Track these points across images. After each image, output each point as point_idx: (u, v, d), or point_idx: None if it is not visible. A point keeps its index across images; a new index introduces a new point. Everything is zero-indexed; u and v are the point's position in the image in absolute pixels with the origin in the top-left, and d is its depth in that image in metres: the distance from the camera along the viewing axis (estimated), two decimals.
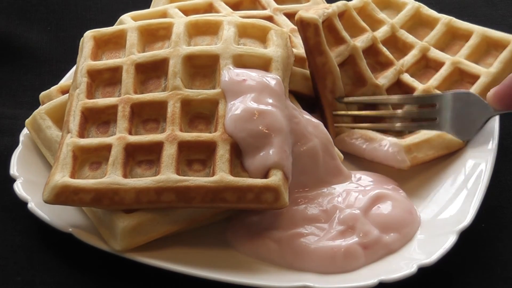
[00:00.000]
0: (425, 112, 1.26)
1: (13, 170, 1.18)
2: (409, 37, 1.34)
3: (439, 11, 1.39)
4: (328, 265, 1.08)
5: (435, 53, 1.32)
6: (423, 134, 1.23)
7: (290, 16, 1.33)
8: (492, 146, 1.23)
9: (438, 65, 1.31)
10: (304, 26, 1.25)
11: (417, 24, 1.38)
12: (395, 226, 1.13)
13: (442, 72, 1.30)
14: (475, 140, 1.26)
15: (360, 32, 1.32)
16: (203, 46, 1.20)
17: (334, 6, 1.31)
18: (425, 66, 1.33)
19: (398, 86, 1.31)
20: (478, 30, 1.33)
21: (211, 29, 1.23)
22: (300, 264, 1.09)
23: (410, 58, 1.32)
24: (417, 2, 1.39)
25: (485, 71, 1.29)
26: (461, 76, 1.30)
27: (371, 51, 1.32)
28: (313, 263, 1.09)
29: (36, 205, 1.13)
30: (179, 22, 1.23)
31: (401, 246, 1.12)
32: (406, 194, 1.19)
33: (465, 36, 1.34)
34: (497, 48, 1.32)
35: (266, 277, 1.07)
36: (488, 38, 1.32)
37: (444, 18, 1.36)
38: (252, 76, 1.16)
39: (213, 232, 1.14)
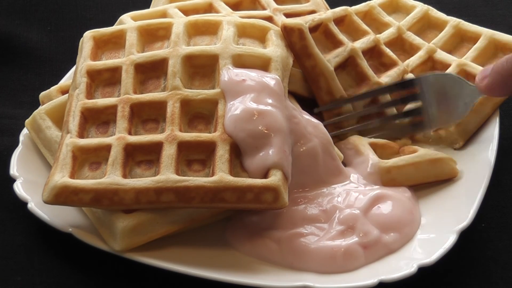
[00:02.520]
0: (408, 98, 1.25)
1: (13, 170, 1.18)
2: (416, 39, 1.35)
3: (439, 11, 1.39)
4: (328, 265, 1.08)
5: (441, 55, 1.32)
6: (413, 157, 1.20)
7: (290, 16, 1.33)
8: (492, 146, 1.23)
9: (444, 66, 1.31)
10: (288, 32, 1.25)
11: (426, 26, 1.38)
12: (395, 226, 1.13)
13: None
14: (475, 140, 1.26)
15: (363, 35, 1.33)
16: (202, 46, 1.21)
17: (329, 12, 1.32)
18: (431, 67, 1.33)
19: (402, 86, 1.31)
20: (486, 33, 1.33)
21: (211, 29, 1.23)
22: (300, 264, 1.09)
23: (416, 59, 1.33)
24: (425, 5, 1.39)
25: None
26: (466, 78, 1.30)
27: (374, 52, 1.32)
28: (313, 263, 1.09)
29: (36, 205, 1.13)
30: (179, 22, 1.23)
31: (401, 246, 1.12)
32: (411, 195, 1.18)
33: (473, 38, 1.34)
34: (505, 51, 1.32)
35: (266, 277, 1.07)
36: (496, 41, 1.32)
37: (452, 21, 1.37)
38: (251, 76, 1.16)
39: (213, 232, 1.14)
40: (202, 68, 1.19)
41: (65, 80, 1.33)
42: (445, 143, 1.27)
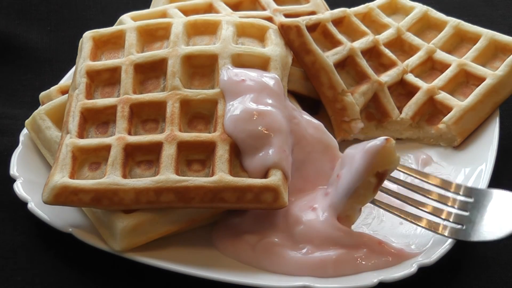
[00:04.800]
0: (460, 202, 1.12)
1: (13, 170, 1.18)
2: (415, 40, 1.35)
3: (439, 11, 1.39)
4: (320, 274, 1.07)
5: (441, 55, 1.33)
6: None
7: (289, 17, 1.33)
8: (492, 146, 1.22)
9: (444, 66, 1.32)
10: (286, 30, 1.26)
11: (425, 27, 1.39)
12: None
13: (448, 73, 1.30)
14: (475, 140, 1.26)
15: (361, 36, 1.33)
16: (201, 46, 1.21)
17: (327, 13, 1.33)
18: (431, 67, 1.33)
19: (402, 85, 1.31)
20: (486, 34, 1.33)
21: (210, 29, 1.24)
22: (295, 271, 1.08)
23: (415, 59, 1.33)
24: (425, 6, 1.39)
25: (491, 74, 1.29)
26: (466, 78, 1.31)
27: (373, 53, 1.32)
28: (305, 272, 1.08)
29: (36, 205, 1.13)
30: (178, 22, 1.23)
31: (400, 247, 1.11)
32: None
33: (473, 39, 1.34)
34: (505, 52, 1.32)
35: (266, 277, 1.07)
36: (496, 42, 1.33)
37: (452, 21, 1.37)
38: (251, 76, 1.16)
39: None
40: (201, 68, 1.19)
41: (65, 80, 1.33)
42: (444, 141, 1.27)
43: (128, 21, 1.30)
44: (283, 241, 1.09)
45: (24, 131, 1.24)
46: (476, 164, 1.21)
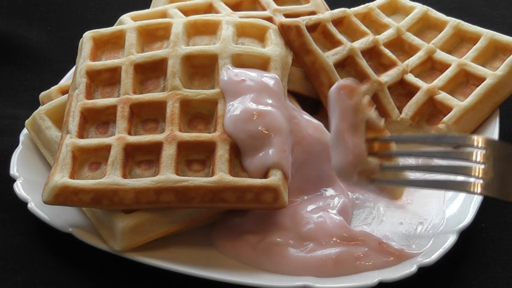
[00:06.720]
0: (472, 153, 1.03)
1: (13, 170, 1.18)
2: (415, 40, 1.35)
3: (439, 11, 1.39)
4: (320, 273, 1.07)
5: (441, 55, 1.33)
6: None
7: (289, 17, 1.33)
8: None
9: (444, 66, 1.31)
10: (286, 30, 1.26)
11: (425, 27, 1.39)
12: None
13: (448, 73, 1.30)
14: None
15: (361, 36, 1.33)
16: (201, 46, 1.21)
17: (327, 13, 1.33)
18: (431, 67, 1.33)
19: (402, 85, 1.31)
20: (486, 34, 1.33)
21: (210, 29, 1.24)
22: (295, 270, 1.08)
23: (415, 59, 1.33)
24: (425, 6, 1.39)
25: (491, 74, 1.29)
26: (466, 78, 1.31)
27: (373, 53, 1.32)
28: (305, 271, 1.08)
29: (36, 205, 1.13)
30: (178, 22, 1.23)
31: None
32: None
33: (473, 39, 1.34)
34: (505, 52, 1.32)
35: (266, 277, 1.07)
36: (496, 42, 1.33)
37: (452, 21, 1.37)
38: (251, 76, 1.16)
39: None
40: (201, 68, 1.19)
41: (65, 80, 1.33)
42: None
43: (128, 21, 1.30)
44: (287, 240, 1.09)
45: (24, 131, 1.24)
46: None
